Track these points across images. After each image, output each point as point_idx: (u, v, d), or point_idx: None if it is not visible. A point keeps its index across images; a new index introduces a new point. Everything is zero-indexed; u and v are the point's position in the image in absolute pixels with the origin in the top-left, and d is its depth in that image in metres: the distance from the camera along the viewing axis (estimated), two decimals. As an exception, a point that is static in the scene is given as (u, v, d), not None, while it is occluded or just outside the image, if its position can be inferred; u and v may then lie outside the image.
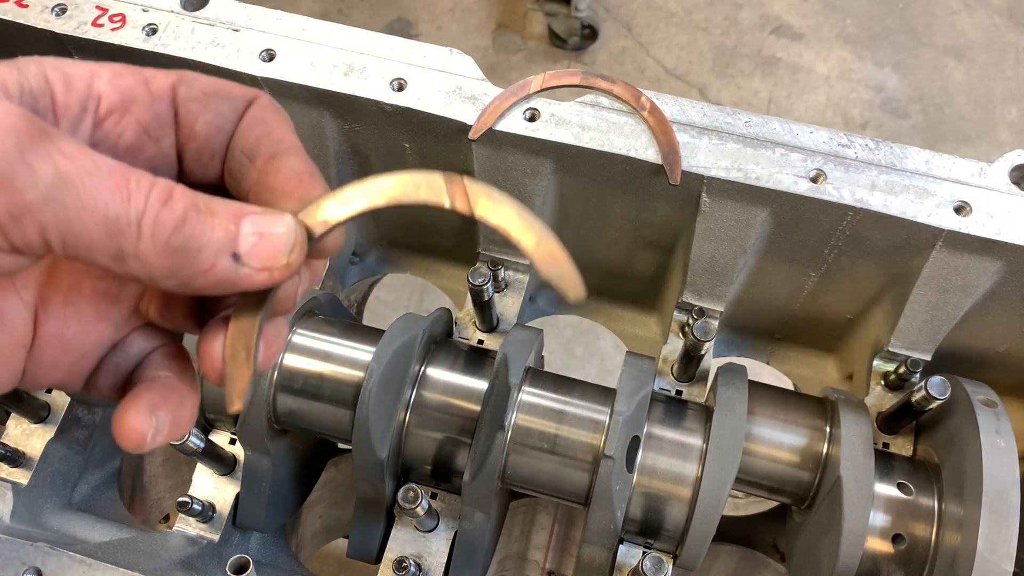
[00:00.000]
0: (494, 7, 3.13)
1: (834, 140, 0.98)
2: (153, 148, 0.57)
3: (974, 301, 1.00)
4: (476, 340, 1.14)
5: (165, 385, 0.56)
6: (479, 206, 0.53)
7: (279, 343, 0.60)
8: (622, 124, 0.99)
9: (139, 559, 0.94)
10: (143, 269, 0.47)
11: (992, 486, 0.87)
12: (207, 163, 0.59)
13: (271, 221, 0.51)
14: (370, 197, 0.53)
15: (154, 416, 0.54)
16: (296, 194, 0.54)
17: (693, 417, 0.99)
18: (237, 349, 0.54)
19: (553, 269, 0.53)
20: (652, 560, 0.92)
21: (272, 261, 0.51)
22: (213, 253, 0.49)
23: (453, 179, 0.53)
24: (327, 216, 0.54)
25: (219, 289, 0.50)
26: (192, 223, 0.48)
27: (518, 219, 0.53)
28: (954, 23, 2.96)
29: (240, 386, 0.53)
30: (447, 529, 1.03)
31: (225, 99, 0.58)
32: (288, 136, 0.58)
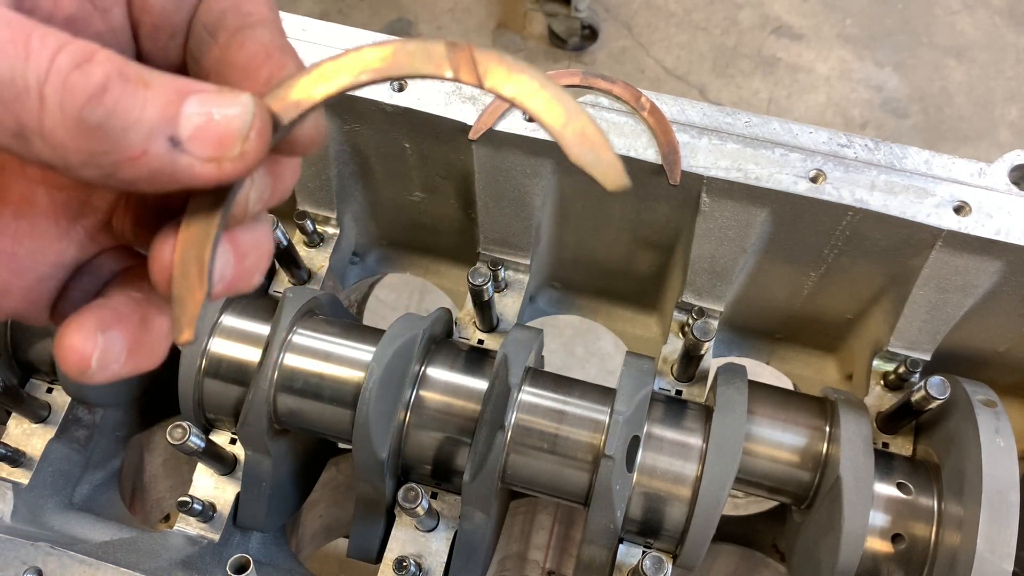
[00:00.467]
0: (494, 7, 3.13)
1: (834, 140, 0.98)
2: (100, 21, 0.47)
3: (974, 301, 1.00)
4: (476, 340, 1.14)
5: (124, 302, 0.47)
6: (490, 75, 0.43)
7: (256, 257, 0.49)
8: (622, 124, 0.99)
9: (140, 559, 0.94)
10: (53, 152, 0.38)
11: (992, 486, 0.87)
12: (166, 44, 0.49)
13: (223, 100, 0.41)
14: (352, 71, 0.44)
15: (101, 335, 0.44)
16: (262, 72, 0.45)
17: (693, 417, 0.99)
18: (187, 264, 0.43)
19: (586, 152, 0.43)
20: (652, 560, 0.92)
21: (221, 149, 0.41)
22: (144, 135, 0.39)
23: (457, 45, 0.43)
24: (299, 96, 0.44)
25: (154, 183, 0.41)
26: (115, 93, 0.38)
27: (540, 90, 0.43)
28: (954, 23, 2.96)
29: (191, 310, 0.43)
30: (447, 529, 1.03)
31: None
32: (260, 8, 0.48)
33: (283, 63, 0.45)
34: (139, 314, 0.47)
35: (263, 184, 0.47)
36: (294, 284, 1.17)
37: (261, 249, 0.49)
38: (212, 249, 0.43)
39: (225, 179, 0.42)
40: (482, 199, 1.10)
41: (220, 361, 1.04)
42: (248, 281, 0.48)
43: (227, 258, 0.46)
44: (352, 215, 1.23)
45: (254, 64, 0.45)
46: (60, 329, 0.45)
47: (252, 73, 0.45)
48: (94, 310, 0.45)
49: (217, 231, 0.44)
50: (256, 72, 0.45)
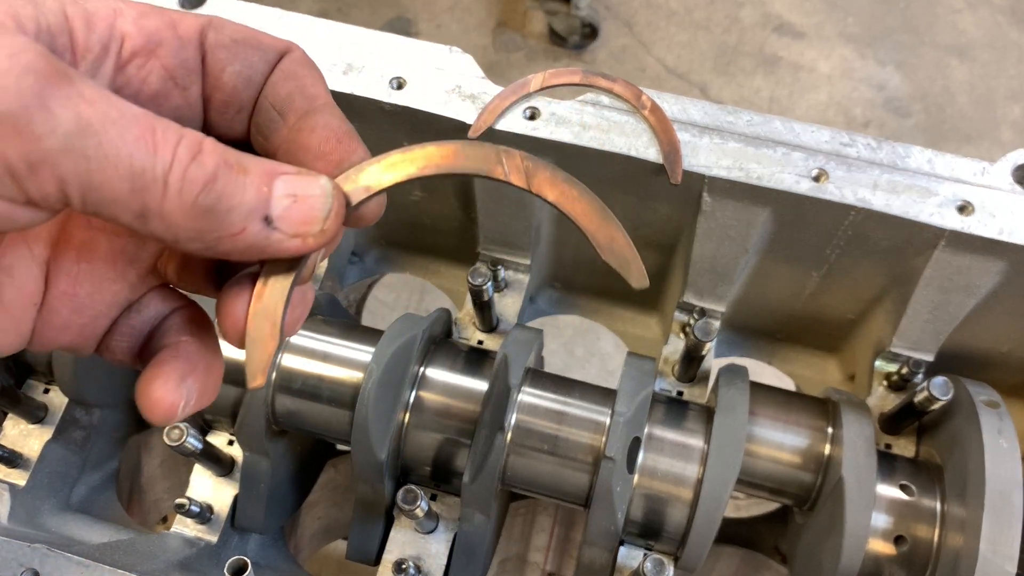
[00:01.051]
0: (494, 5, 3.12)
1: (836, 139, 0.97)
2: (179, 97, 0.53)
3: (977, 301, 1.00)
4: (476, 340, 1.13)
5: (190, 351, 0.53)
6: (537, 182, 0.51)
7: (303, 308, 0.56)
8: (623, 123, 0.98)
9: (137, 560, 0.93)
10: (168, 229, 0.44)
11: (995, 487, 0.87)
12: (233, 117, 0.55)
13: (306, 183, 0.47)
14: (417, 164, 0.50)
15: (183, 385, 0.51)
16: (333, 155, 0.51)
17: (694, 418, 0.99)
18: (261, 319, 0.49)
19: (615, 255, 0.51)
20: (653, 562, 0.92)
21: (306, 227, 0.47)
22: (244, 215, 0.45)
23: (509, 152, 0.51)
24: (367, 182, 0.50)
25: (247, 255, 0.47)
26: (223, 181, 0.44)
27: (579, 198, 0.51)
28: (956, 22, 2.95)
29: (264, 359, 0.49)
30: (447, 531, 1.03)
31: (256, 49, 0.54)
32: (323, 92, 0.54)
33: (352, 148, 0.51)
34: (204, 361, 0.53)
35: None
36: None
37: (307, 301, 0.56)
38: (285, 306, 0.50)
39: (307, 251, 0.48)
40: (482, 199, 1.09)
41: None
42: (295, 328, 0.55)
43: None
44: (351, 215, 1.22)
45: (326, 148, 0.51)
46: (144, 383, 0.50)
47: (324, 156, 0.50)
48: (170, 361, 0.51)
49: (290, 290, 0.50)
50: (328, 155, 0.50)
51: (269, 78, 0.54)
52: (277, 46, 0.55)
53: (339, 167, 0.50)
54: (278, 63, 0.54)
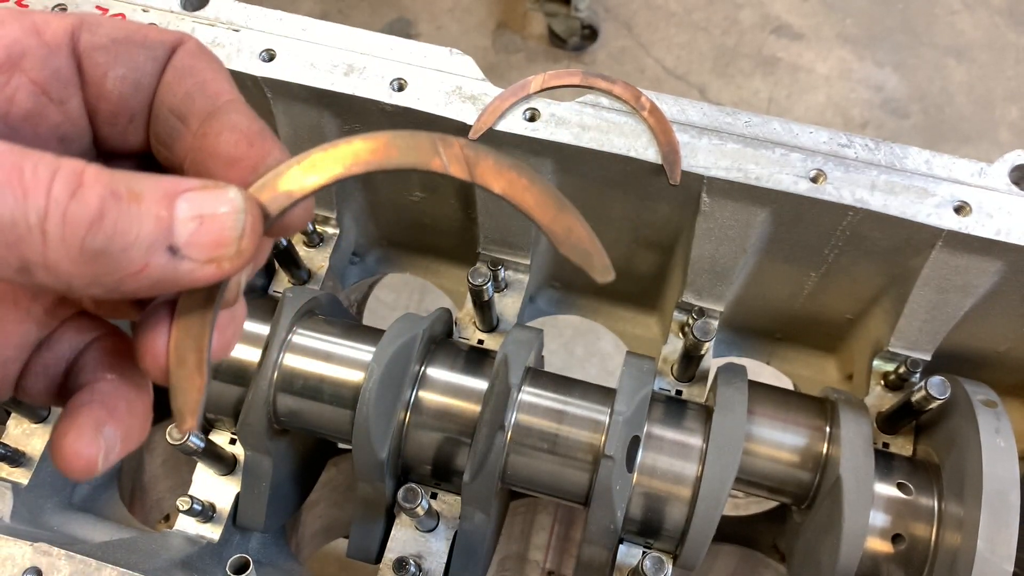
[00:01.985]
0: (494, 7, 3.13)
1: (834, 140, 0.98)
2: (57, 113, 0.46)
3: (974, 301, 1.00)
4: (476, 340, 1.14)
5: (108, 392, 0.46)
6: (480, 172, 0.45)
7: (234, 329, 0.49)
8: (622, 124, 0.99)
9: (139, 559, 0.94)
10: (58, 280, 0.38)
11: (992, 486, 0.87)
12: (125, 128, 0.48)
13: (213, 198, 0.41)
14: (343, 162, 0.44)
15: (101, 435, 0.44)
16: (246, 160, 0.44)
17: (693, 417, 0.99)
18: (185, 354, 0.44)
19: (574, 247, 0.45)
20: (652, 560, 0.92)
21: (219, 250, 0.41)
22: (144, 250, 0.38)
23: (446, 140, 0.45)
24: (288, 187, 0.44)
25: (158, 290, 0.41)
26: (112, 216, 0.37)
27: (529, 186, 0.45)
28: (954, 23, 2.96)
29: (192, 398, 0.44)
30: (447, 529, 1.03)
31: (140, 46, 0.47)
32: (226, 88, 0.47)
33: (266, 150, 0.45)
34: (124, 400, 0.47)
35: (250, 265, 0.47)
36: (294, 284, 1.17)
37: (237, 320, 0.50)
38: (209, 338, 0.44)
39: (224, 277, 0.42)
40: (482, 199, 1.09)
41: (220, 361, 1.04)
42: (226, 351, 0.49)
43: None
44: (352, 215, 1.22)
45: (237, 153, 0.44)
46: (57, 436, 0.44)
47: (236, 162, 0.44)
48: (83, 409, 0.45)
49: (212, 320, 0.44)
50: (240, 161, 0.44)
51: (162, 78, 0.47)
52: (165, 39, 0.48)
53: (254, 173, 0.44)
54: (170, 60, 0.48)
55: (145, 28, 0.48)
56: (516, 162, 0.45)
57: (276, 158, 0.45)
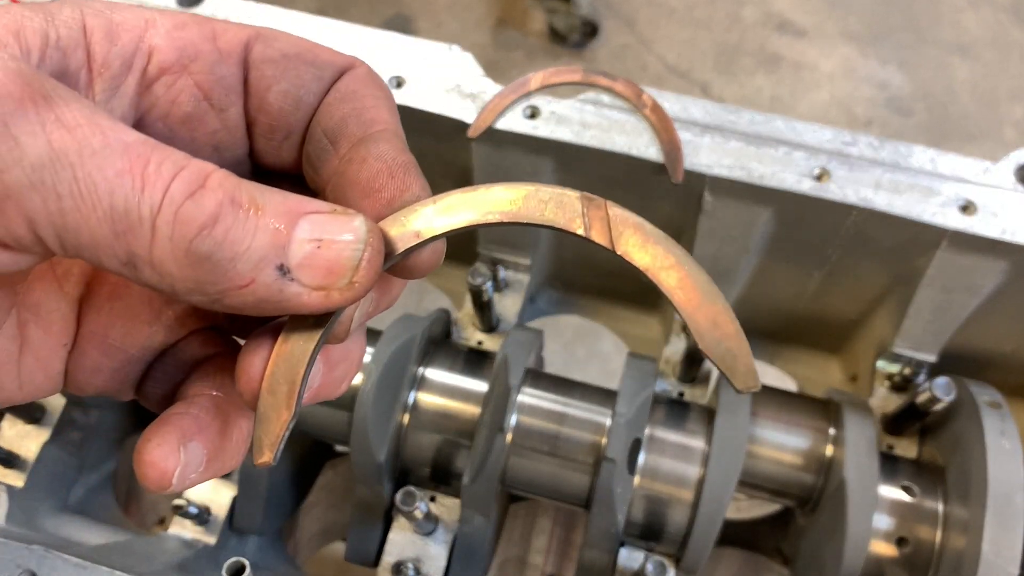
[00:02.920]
0: (494, 3, 3.12)
1: (838, 138, 0.97)
2: (216, 120, 0.46)
3: (979, 301, 0.99)
4: (475, 341, 1.13)
5: (206, 407, 0.45)
6: (624, 241, 0.42)
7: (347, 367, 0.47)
8: (623, 122, 0.98)
9: (135, 562, 0.93)
10: (161, 279, 0.37)
11: (997, 488, 0.86)
12: (281, 144, 0.48)
13: (337, 224, 0.39)
14: (480, 210, 0.42)
15: (183, 449, 0.42)
16: (383, 193, 0.42)
17: (695, 419, 0.99)
18: (277, 382, 0.42)
19: (718, 344, 0.40)
20: (654, 564, 0.91)
21: (330, 279, 0.39)
22: (252, 264, 0.37)
23: (593, 202, 0.42)
24: (419, 227, 0.42)
25: (261, 310, 0.39)
26: (226, 223, 0.36)
27: (676, 267, 0.41)
28: (959, 20, 2.95)
29: (274, 431, 0.41)
30: (446, 533, 1.02)
31: (309, 65, 0.46)
32: (384, 117, 0.46)
33: (406, 184, 0.43)
34: (220, 420, 0.45)
35: (368, 301, 0.45)
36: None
37: (352, 359, 0.47)
38: (306, 370, 0.42)
39: (332, 308, 0.40)
40: (481, 198, 1.08)
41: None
42: (335, 390, 0.47)
43: (317, 368, 0.45)
44: (350, 214, 1.21)
45: (377, 184, 0.42)
46: (141, 442, 0.43)
47: (373, 193, 0.42)
48: (176, 420, 0.44)
49: (314, 352, 0.42)
50: (378, 193, 0.42)
51: (324, 99, 0.47)
52: (337, 62, 0.47)
53: (390, 207, 0.42)
54: (336, 81, 0.47)
55: (318, 48, 0.47)
56: (665, 237, 0.42)
57: (415, 194, 0.43)
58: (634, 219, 0.42)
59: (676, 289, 0.41)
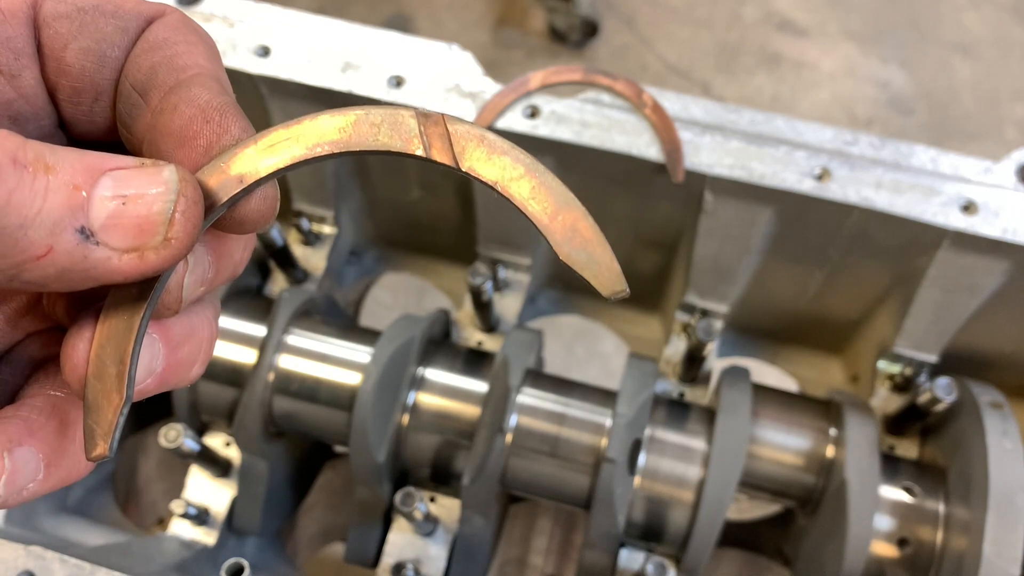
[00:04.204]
0: (493, 2, 3.11)
1: (839, 138, 0.96)
2: (9, 88, 0.41)
3: (981, 301, 0.99)
4: (475, 341, 1.12)
5: (39, 407, 0.40)
6: (468, 156, 0.38)
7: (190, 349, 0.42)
8: (624, 121, 0.97)
9: (134, 563, 0.93)
10: None
11: (998, 489, 0.86)
12: (90, 107, 0.42)
13: (144, 177, 0.35)
14: (306, 143, 0.38)
15: (8, 456, 0.37)
16: (199, 139, 0.38)
17: (696, 419, 0.98)
18: (104, 365, 0.37)
19: (578, 250, 0.38)
20: (655, 564, 0.91)
21: (141, 238, 0.35)
22: (47, 230, 0.33)
23: (430, 118, 0.38)
24: (241, 169, 0.38)
25: (66, 282, 0.34)
26: (8, 184, 0.31)
27: (527, 176, 0.38)
28: (960, 19, 2.94)
29: (106, 419, 0.36)
30: (446, 533, 1.02)
31: (110, 16, 0.42)
32: (198, 61, 0.41)
33: (224, 128, 0.39)
34: (57, 419, 0.40)
35: (203, 265, 0.41)
36: (290, 284, 1.16)
37: (199, 336, 0.42)
38: (135, 347, 0.37)
39: (151, 271, 0.36)
40: (481, 198, 1.08)
41: (215, 362, 1.03)
42: (184, 375, 0.42)
43: (156, 349, 0.40)
44: (349, 214, 1.21)
45: (191, 130, 0.38)
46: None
47: (189, 141, 0.38)
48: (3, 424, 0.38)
49: (141, 326, 0.37)
50: (193, 140, 0.38)
51: (131, 52, 0.42)
52: (141, 10, 0.42)
53: (207, 154, 0.38)
54: (143, 32, 0.42)
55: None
56: (512, 146, 0.38)
57: (234, 137, 0.39)
58: (477, 131, 0.39)
59: (528, 200, 0.38)
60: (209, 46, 0.43)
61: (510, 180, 0.38)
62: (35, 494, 0.39)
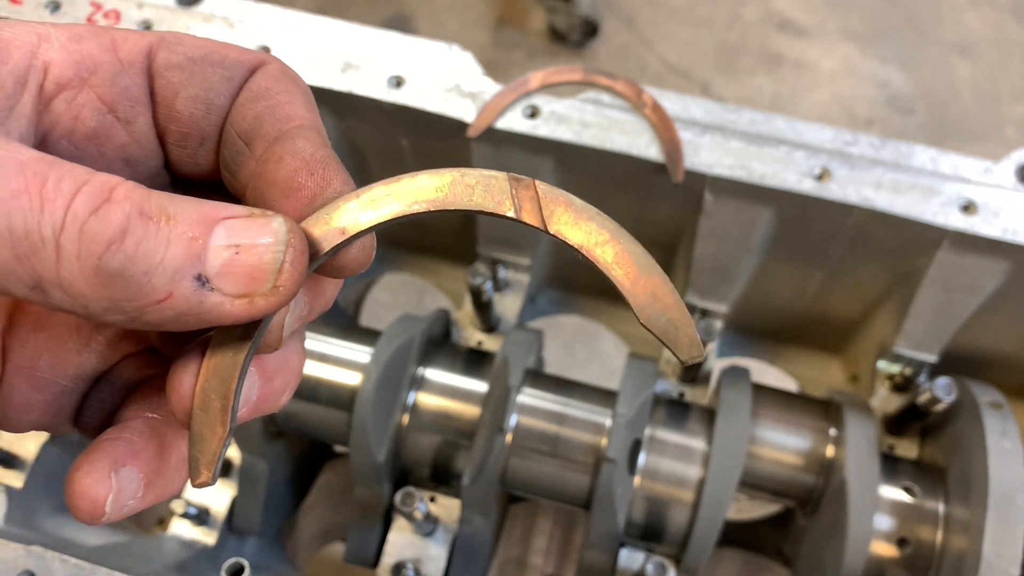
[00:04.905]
0: (494, 2, 3.11)
1: (839, 138, 0.96)
2: (124, 133, 0.44)
3: (980, 301, 0.99)
4: (475, 341, 1.12)
5: (140, 430, 0.43)
6: (556, 219, 0.40)
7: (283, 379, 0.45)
8: (623, 121, 0.97)
9: (134, 563, 0.93)
10: (74, 301, 0.35)
11: (998, 489, 0.86)
12: (195, 151, 0.46)
13: (255, 228, 0.38)
14: (405, 200, 0.41)
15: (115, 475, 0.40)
16: (303, 191, 0.41)
17: (696, 419, 0.98)
18: (209, 399, 0.40)
19: (658, 315, 0.40)
20: (655, 564, 0.91)
21: (252, 285, 0.37)
22: (168, 278, 0.35)
23: (521, 182, 0.41)
24: (344, 223, 0.40)
25: (181, 324, 0.37)
26: (136, 236, 0.34)
27: (611, 242, 0.40)
28: (960, 20, 2.94)
29: (210, 449, 0.39)
30: (446, 533, 1.02)
31: (217, 66, 0.45)
32: (299, 112, 0.44)
33: (327, 180, 0.41)
34: (156, 441, 0.43)
35: (300, 304, 0.44)
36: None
37: (290, 368, 0.46)
38: (238, 383, 0.40)
39: (258, 315, 0.38)
40: (481, 198, 1.08)
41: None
42: (274, 403, 0.45)
43: (252, 381, 0.43)
44: (350, 214, 1.21)
45: (296, 182, 0.41)
46: (70, 471, 0.41)
47: (294, 192, 0.41)
48: (106, 447, 0.41)
49: (245, 363, 0.40)
50: (298, 191, 0.41)
51: (236, 101, 0.45)
52: (246, 60, 0.45)
53: (311, 205, 0.41)
54: (247, 82, 0.45)
55: (226, 48, 0.45)
56: (597, 212, 0.41)
57: (336, 190, 0.41)
58: (564, 196, 0.41)
59: (613, 265, 0.40)
60: (307, 95, 0.46)
61: (595, 244, 0.40)
62: (134, 511, 0.42)
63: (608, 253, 0.40)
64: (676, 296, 0.40)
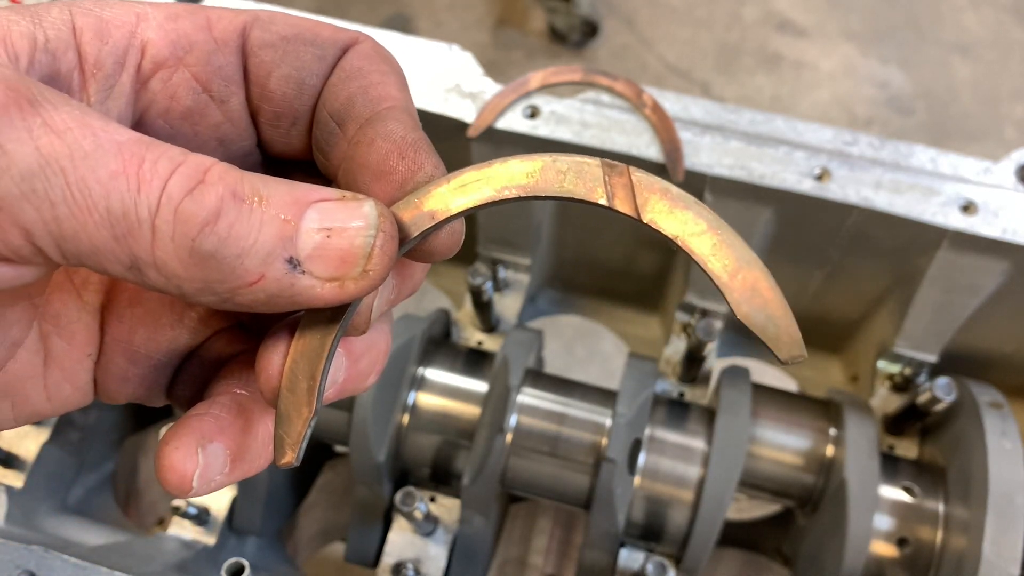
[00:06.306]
0: (494, 3, 3.11)
1: (839, 138, 0.96)
2: (218, 112, 0.44)
3: (980, 301, 0.99)
4: (475, 341, 1.12)
5: (227, 406, 0.43)
6: (651, 209, 0.39)
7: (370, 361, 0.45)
8: (623, 121, 0.97)
9: (134, 563, 0.93)
10: (168, 282, 0.35)
11: (998, 488, 0.86)
12: (288, 130, 0.45)
13: (346, 211, 0.37)
14: (496, 185, 0.40)
15: (202, 451, 0.41)
16: (395, 174, 0.40)
17: (696, 419, 0.98)
18: (297, 379, 0.40)
19: (757, 311, 0.38)
20: (655, 564, 0.91)
21: (343, 269, 0.37)
22: (260, 259, 0.36)
23: (615, 168, 0.39)
24: (434, 208, 0.40)
25: (274, 306, 0.37)
26: (229, 218, 0.35)
27: (708, 232, 0.38)
28: (960, 20, 2.94)
29: (295, 430, 0.39)
30: (446, 533, 1.02)
31: (310, 45, 0.44)
32: (392, 93, 0.43)
33: (418, 164, 0.41)
34: (243, 418, 0.43)
35: (389, 288, 0.44)
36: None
37: (377, 349, 0.46)
38: (325, 365, 0.40)
39: (348, 299, 0.38)
40: (481, 198, 1.08)
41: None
42: (361, 384, 0.45)
43: (340, 362, 0.44)
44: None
45: (387, 165, 0.40)
46: (159, 446, 0.41)
47: (385, 175, 0.41)
48: (194, 422, 0.42)
49: (333, 346, 0.40)
50: (389, 175, 0.40)
51: (328, 80, 0.44)
52: (339, 39, 0.45)
53: (402, 189, 0.40)
54: (340, 60, 0.45)
55: (318, 26, 0.45)
56: (695, 201, 0.39)
57: (427, 174, 0.41)
58: (660, 184, 0.39)
59: (709, 256, 0.38)
60: (399, 76, 0.45)
61: (691, 235, 0.38)
62: (220, 486, 0.42)
63: (705, 244, 0.38)
64: (778, 292, 0.38)
